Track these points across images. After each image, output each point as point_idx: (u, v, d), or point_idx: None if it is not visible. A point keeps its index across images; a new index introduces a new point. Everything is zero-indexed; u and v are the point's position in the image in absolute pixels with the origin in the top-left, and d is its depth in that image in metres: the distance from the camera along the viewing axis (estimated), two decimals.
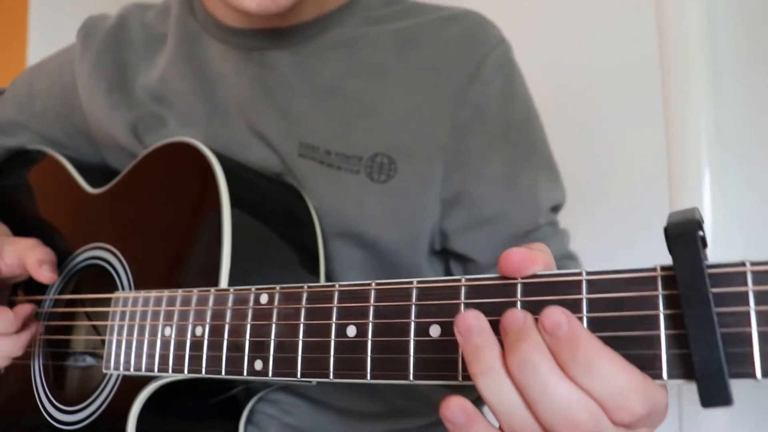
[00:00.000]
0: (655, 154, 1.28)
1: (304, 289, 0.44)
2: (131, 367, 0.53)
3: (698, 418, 1.04)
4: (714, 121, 1.22)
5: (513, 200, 0.65)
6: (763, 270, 0.31)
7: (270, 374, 0.45)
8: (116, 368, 0.54)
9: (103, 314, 0.58)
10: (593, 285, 0.35)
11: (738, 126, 1.20)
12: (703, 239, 0.32)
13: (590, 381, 0.32)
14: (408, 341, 0.40)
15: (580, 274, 0.35)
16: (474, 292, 0.38)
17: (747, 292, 0.31)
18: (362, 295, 0.42)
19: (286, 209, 0.62)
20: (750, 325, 0.31)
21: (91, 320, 0.66)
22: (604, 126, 1.36)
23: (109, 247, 0.62)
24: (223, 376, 0.47)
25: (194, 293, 0.50)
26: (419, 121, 0.62)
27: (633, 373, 0.32)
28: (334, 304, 0.43)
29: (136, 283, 0.58)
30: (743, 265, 0.31)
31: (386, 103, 0.63)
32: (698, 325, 0.31)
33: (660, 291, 0.33)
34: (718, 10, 1.22)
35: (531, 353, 0.33)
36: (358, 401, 0.68)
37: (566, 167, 0.71)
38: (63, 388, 0.66)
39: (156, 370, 0.51)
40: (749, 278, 0.31)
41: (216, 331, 0.48)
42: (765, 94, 1.18)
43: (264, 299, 0.46)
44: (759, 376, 0.30)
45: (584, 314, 0.35)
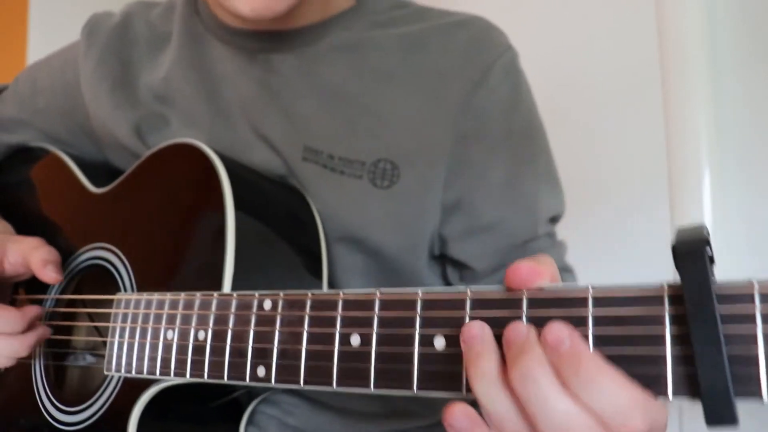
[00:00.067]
0: (655, 154, 1.28)
1: (308, 296, 0.44)
2: (133, 370, 0.53)
3: None
4: (714, 121, 1.22)
5: (513, 209, 0.65)
6: None
7: (273, 381, 0.45)
8: (117, 370, 0.54)
9: (104, 315, 0.58)
10: (599, 301, 0.35)
11: (738, 126, 1.20)
12: (710, 257, 0.32)
13: (591, 397, 0.32)
14: (412, 352, 0.39)
15: (586, 289, 0.35)
16: (479, 304, 0.38)
17: (754, 313, 0.31)
18: (366, 303, 0.42)
19: (290, 212, 0.61)
20: (757, 345, 0.31)
21: (93, 321, 0.65)
22: (604, 126, 1.36)
23: (111, 248, 0.62)
24: (226, 381, 0.47)
25: (197, 297, 0.50)
26: (423, 126, 0.62)
27: (634, 391, 0.32)
28: (338, 313, 0.43)
29: (139, 284, 0.58)
30: (751, 284, 0.31)
31: (390, 108, 0.63)
32: (705, 344, 0.31)
33: (666, 309, 0.33)
34: (718, 10, 1.21)
35: (533, 367, 0.33)
36: (358, 402, 0.68)
37: (566, 167, 0.71)
38: (63, 388, 0.66)
39: (158, 373, 0.51)
40: (757, 298, 0.31)
41: (218, 336, 0.48)
42: (765, 94, 1.18)
43: (267, 305, 0.46)
44: (765, 397, 0.30)
45: (589, 330, 0.35)
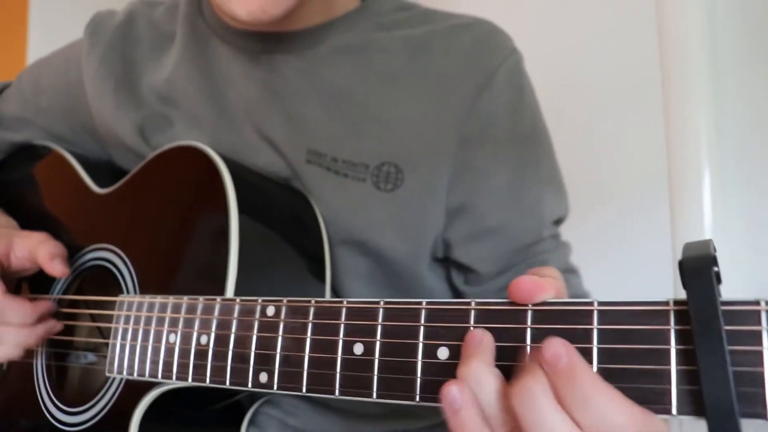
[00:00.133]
0: (655, 154, 1.28)
1: (312, 303, 0.44)
2: (134, 372, 0.53)
3: None
4: (714, 121, 1.21)
5: (517, 213, 0.65)
6: None
7: (275, 387, 0.45)
8: (119, 372, 0.54)
9: (107, 316, 0.58)
10: (604, 315, 0.35)
11: (738, 126, 1.20)
12: (717, 275, 0.32)
13: (586, 416, 0.32)
14: (416, 362, 0.39)
15: (591, 304, 0.35)
16: (483, 316, 0.38)
17: (761, 331, 0.31)
18: (370, 312, 0.42)
19: (294, 215, 0.61)
20: (763, 364, 0.31)
21: (95, 322, 0.65)
22: (604, 126, 1.35)
23: (114, 249, 0.62)
24: (228, 386, 0.47)
25: (200, 301, 0.50)
26: (427, 130, 0.62)
27: (631, 409, 0.32)
28: (342, 321, 0.43)
29: (141, 286, 0.58)
30: (758, 303, 0.31)
31: (394, 111, 0.62)
32: (710, 362, 0.31)
33: (672, 325, 0.33)
34: (718, 10, 1.21)
35: (531, 383, 0.33)
36: (359, 403, 0.68)
37: (566, 167, 0.71)
38: (65, 388, 0.66)
39: (159, 376, 0.51)
40: (763, 317, 0.31)
41: (221, 341, 0.48)
42: (765, 94, 1.18)
43: (270, 311, 0.46)
44: None
45: (594, 345, 0.35)
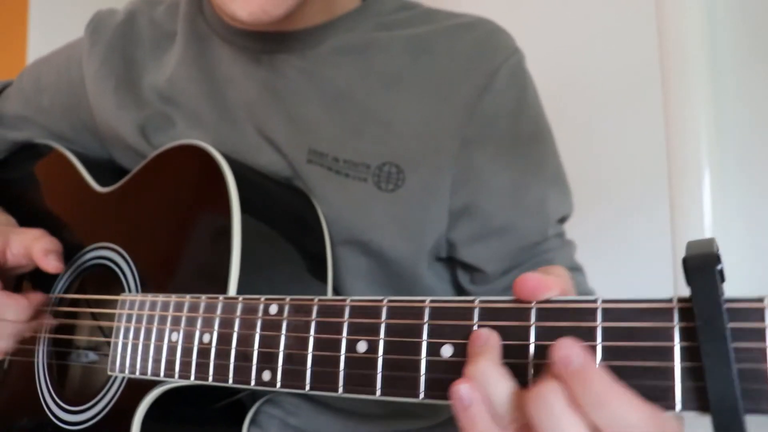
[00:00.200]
0: (655, 153, 1.28)
1: (315, 301, 0.44)
2: (137, 371, 0.53)
3: None
4: (714, 121, 1.21)
5: (521, 212, 0.65)
6: None
7: (278, 385, 0.45)
8: (121, 371, 0.54)
9: (108, 315, 0.58)
10: (608, 313, 0.35)
11: (738, 126, 1.20)
12: (721, 272, 0.32)
13: (602, 416, 0.32)
14: (419, 360, 0.39)
15: (595, 301, 0.35)
16: (487, 314, 0.38)
17: (765, 328, 0.31)
18: (374, 311, 0.42)
19: (296, 215, 0.61)
20: (766, 361, 0.31)
21: (97, 321, 0.65)
22: (604, 126, 1.36)
23: (115, 248, 0.62)
24: (231, 385, 0.47)
25: (202, 300, 0.50)
26: (429, 131, 0.62)
27: (646, 408, 0.32)
28: (345, 319, 0.43)
29: (143, 285, 0.58)
30: (762, 300, 0.31)
31: (396, 112, 0.62)
32: (714, 359, 0.31)
33: (676, 323, 0.33)
34: (718, 10, 1.21)
35: (544, 388, 0.33)
36: (360, 403, 0.68)
37: (566, 167, 0.71)
38: (66, 387, 0.66)
39: (162, 375, 0.51)
40: (767, 314, 0.31)
41: (223, 340, 0.48)
42: (765, 94, 1.18)
43: (273, 310, 0.46)
44: None
45: (598, 342, 0.35)
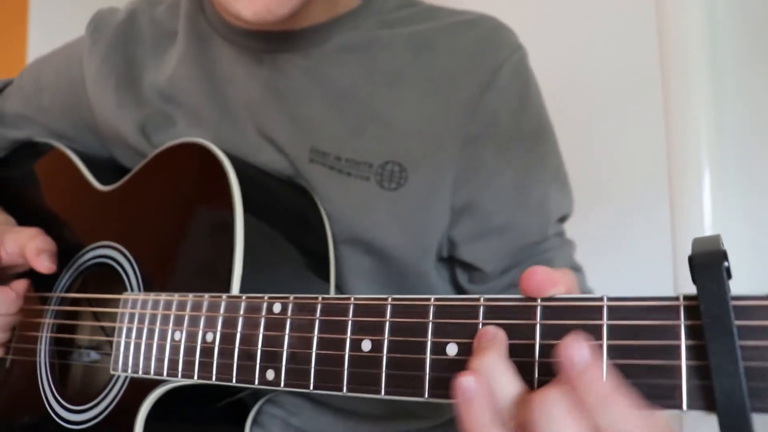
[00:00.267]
0: (656, 153, 1.28)
1: (319, 300, 0.44)
2: (140, 370, 0.53)
3: None
4: (714, 121, 1.22)
5: (523, 211, 0.65)
6: None
7: (282, 385, 0.44)
8: (124, 370, 0.54)
9: (111, 314, 0.58)
10: (614, 311, 0.35)
11: (738, 126, 1.20)
12: (728, 270, 0.32)
13: (602, 419, 0.32)
14: (424, 359, 0.39)
15: (601, 299, 0.35)
16: (493, 312, 0.38)
17: None
18: (378, 309, 0.42)
19: (298, 213, 0.61)
20: None
21: (99, 320, 0.65)
22: (605, 126, 1.36)
23: (117, 246, 0.62)
24: (234, 384, 0.47)
25: (205, 298, 0.50)
26: (431, 129, 0.62)
27: (646, 415, 0.32)
28: (349, 318, 0.42)
29: (145, 284, 0.58)
30: None
31: (399, 110, 0.62)
32: (721, 357, 0.31)
33: (682, 321, 0.33)
34: (718, 10, 1.21)
35: (548, 394, 0.33)
36: (362, 403, 0.68)
37: (567, 167, 0.71)
38: (69, 386, 0.66)
39: (165, 374, 0.51)
40: None
41: (227, 339, 0.48)
42: (765, 94, 1.18)
43: (277, 308, 0.46)
44: None
45: (604, 341, 0.35)
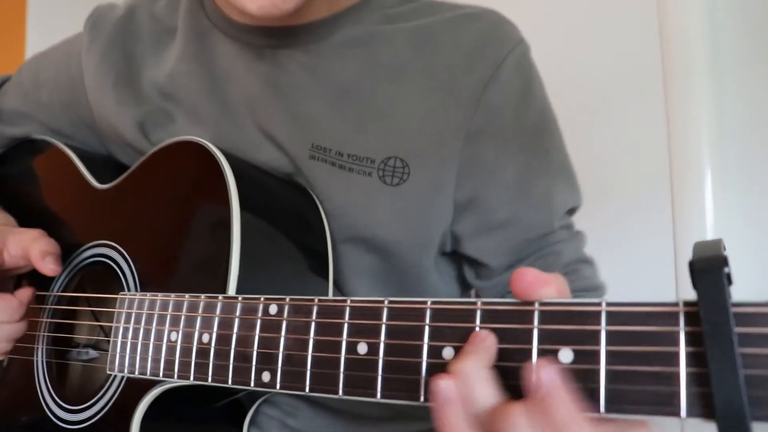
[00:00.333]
0: (657, 154, 1.28)
1: (315, 302, 0.44)
2: (136, 370, 0.53)
3: None
4: (716, 121, 1.21)
5: (527, 205, 0.64)
6: None
7: (278, 387, 0.44)
8: (120, 370, 0.54)
9: (107, 314, 0.57)
10: (613, 316, 0.34)
11: (739, 125, 1.20)
12: (728, 276, 0.32)
13: None
14: (420, 362, 0.39)
15: (599, 304, 0.35)
16: (489, 316, 0.38)
17: None
18: (374, 312, 0.41)
19: (297, 212, 0.61)
20: None
21: (96, 319, 0.65)
22: (606, 126, 1.35)
23: (114, 245, 0.61)
24: (230, 385, 0.47)
25: (201, 299, 0.50)
26: (434, 124, 0.61)
27: None
28: (345, 320, 0.42)
29: (142, 283, 0.57)
30: None
31: (401, 106, 0.61)
32: (721, 364, 0.31)
33: (682, 327, 0.33)
34: (719, 10, 1.21)
35: (514, 409, 0.34)
36: (360, 405, 0.67)
37: None
38: (66, 386, 0.65)
39: (161, 375, 0.51)
40: None
41: (223, 340, 0.48)
42: (766, 94, 1.18)
43: (273, 310, 0.46)
44: None
45: (602, 347, 0.34)
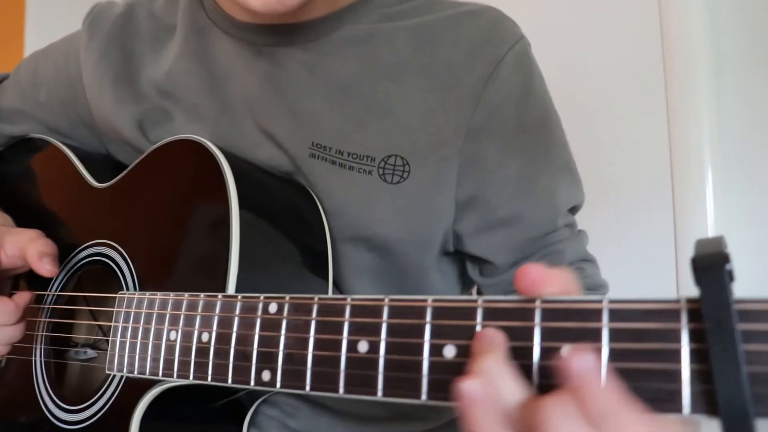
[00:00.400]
0: (658, 153, 1.28)
1: (315, 300, 0.43)
2: (135, 370, 0.52)
3: None
4: (716, 121, 1.22)
5: (529, 202, 0.64)
6: None
7: (278, 386, 0.44)
8: (119, 370, 0.54)
9: (106, 313, 0.57)
10: (615, 314, 0.34)
11: (740, 125, 1.20)
12: (731, 273, 0.32)
13: (610, 428, 0.31)
14: (421, 361, 0.39)
15: (601, 301, 0.35)
16: (491, 314, 0.37)
17: None
18: (375, 310, 0.41)
19: (296, 211, 0.60)
20: None
21: (95, 318, 0.65)
22: (608, 125, 1.35)
23: (113, 244, 0.61)
24: (230, 384, 0.46)
25: (201, 298, 0.49)
26: (434, 122, 0.61)
27: (653, 424, 0.31)
28: (346, 318, 0.42)
29: (141, 282, 0.57)
30: None
31: (401, 103, 0.61)
32: (723, 361, 0.31)
33: (684, 324, 0.32)
34: (720, 10, 1.21)
35: (552, 402, 0.32)
36: (360, 405, 0.67)
37: None
38: (64, 386, 0.65)
39: (160, 374, 0.51)
40: None
41: (222, 339, 0.47)
42: (766, 94, 1.18)
43: (273, 308, 0.45)
44: None
45: (604, 344, 0.34)
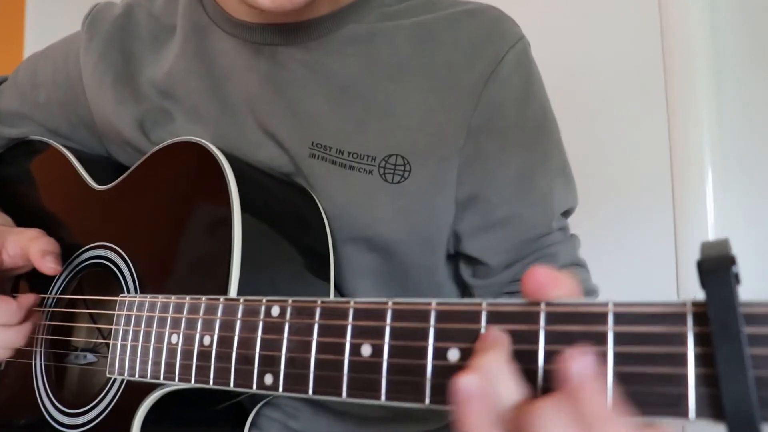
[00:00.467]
0: (658, 153, 1.28)
1: (318, 303, 0.43)
2: (136, 373, 0.52)
3: None
4: (717, 121, 1.21)
5: (526, 203, 0.64)
6: None
7: (280, 390, 0.44)
8: (120, 373, 0.53)
9: (107, 316, 0.57)
10: (620, 317, 0.34)
11: (740, 125, 1.20)
12: (737, 276, 0.32)
13: None
14: (425, 364, 0.39)
15: (606, 305, 0.34)
16: (495, 317, 0.37)
17: None
18: (378, 313, 0.41)
19: (298, 212, 0.60)
20: None
21: (96, 321, 0.64)
22: (608, 125, 1.35)
23: (113, 247, 0.61)
24: (232, 388, 0.46)
25: (202, 301, 0.49)
26: (435, 122, 0.61)
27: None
28: (349, 322, 0.42)
29: (142, 285, 0.57)
30: None
31: (401, 103, 0.61)
32: (730, 365, 0.30)
33: (690, 328, 0.32)
34: (720, 10, 1.21)
35: (546, 406, 0.32)
36: (361, 406, 0.67)
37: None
38: (65, 389, 0.65)
39: (162, 378, 0.50)
40: None
41: (224, 342, 0.47)
42: (766, 94, 1.18)
43: (275, 312, 0.45)
44: None
45: (609, 348, 0.34)
